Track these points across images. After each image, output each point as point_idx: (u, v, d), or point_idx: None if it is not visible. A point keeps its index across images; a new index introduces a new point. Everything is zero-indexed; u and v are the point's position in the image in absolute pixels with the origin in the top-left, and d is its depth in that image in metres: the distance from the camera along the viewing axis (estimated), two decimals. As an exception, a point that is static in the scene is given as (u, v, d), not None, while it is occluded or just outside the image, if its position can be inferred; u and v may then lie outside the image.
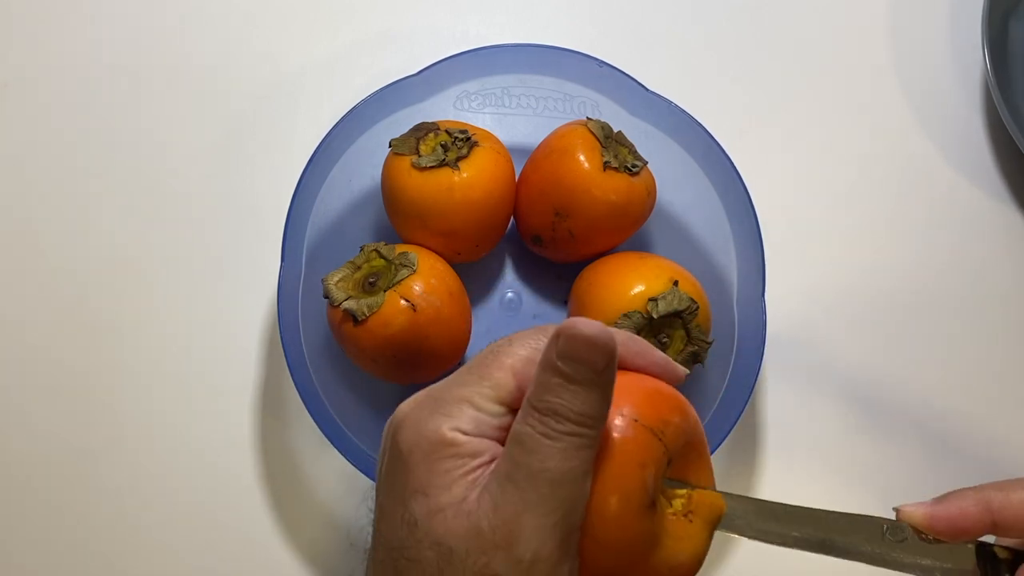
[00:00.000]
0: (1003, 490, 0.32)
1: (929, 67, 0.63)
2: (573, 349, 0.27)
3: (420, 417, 0.29)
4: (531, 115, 0.56)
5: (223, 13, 0.63)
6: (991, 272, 0.59)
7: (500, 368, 0.30)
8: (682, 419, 0.30)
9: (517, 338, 0.31)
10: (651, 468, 0.29)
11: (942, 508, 0.32)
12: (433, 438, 0.29)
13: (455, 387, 0.30)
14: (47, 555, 0.52)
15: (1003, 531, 0.32)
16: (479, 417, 0.29)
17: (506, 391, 0.29)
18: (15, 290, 0.56)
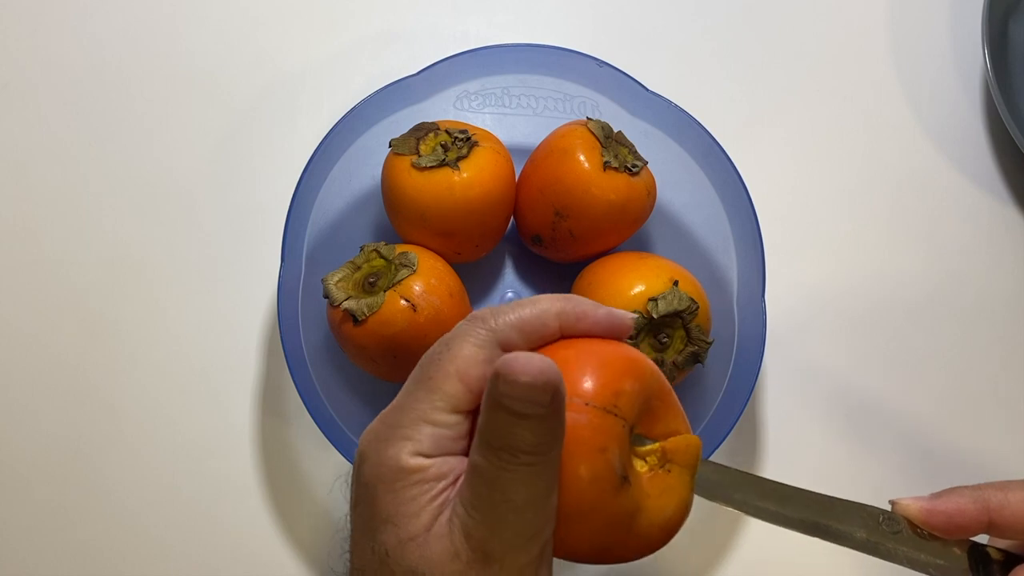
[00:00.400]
0: (1002, 490, 0.32)
1: (929, 67, 0.63)
2: (514, 391, 0.26)
3: (379, 448, 0.29)
4: (531, 115, 0.56)
5: (223, 13, 0.63)
6: (991, 272, 0.59)
7: (446, 377, 0.29)
8: (635, 381, 0.30)
9: (454, 338, 0.30)
10: (613, 447, 0.29)
11: (939, 504, 0.32)
12: (394, 467, 0.28)
13: (407, 406, 0.29)
14: (47, 554, 0.52)
15: (999, 531, 0.32)
16: (437, 433, 0.29)
17: (457, 399, 0.29)
18: (15, 290, 0.56)
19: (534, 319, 0.30)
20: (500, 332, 0.29)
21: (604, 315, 0.31)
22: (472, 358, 0.29)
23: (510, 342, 0.30)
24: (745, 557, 0.53)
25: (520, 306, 0.30)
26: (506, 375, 0.26)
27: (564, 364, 0.29)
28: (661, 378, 0.31)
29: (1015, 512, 0.31)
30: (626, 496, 0.29)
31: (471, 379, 0.29)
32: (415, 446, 0.28)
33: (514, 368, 0.26)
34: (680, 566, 0.53)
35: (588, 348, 0.30)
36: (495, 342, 0.29)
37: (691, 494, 0.31)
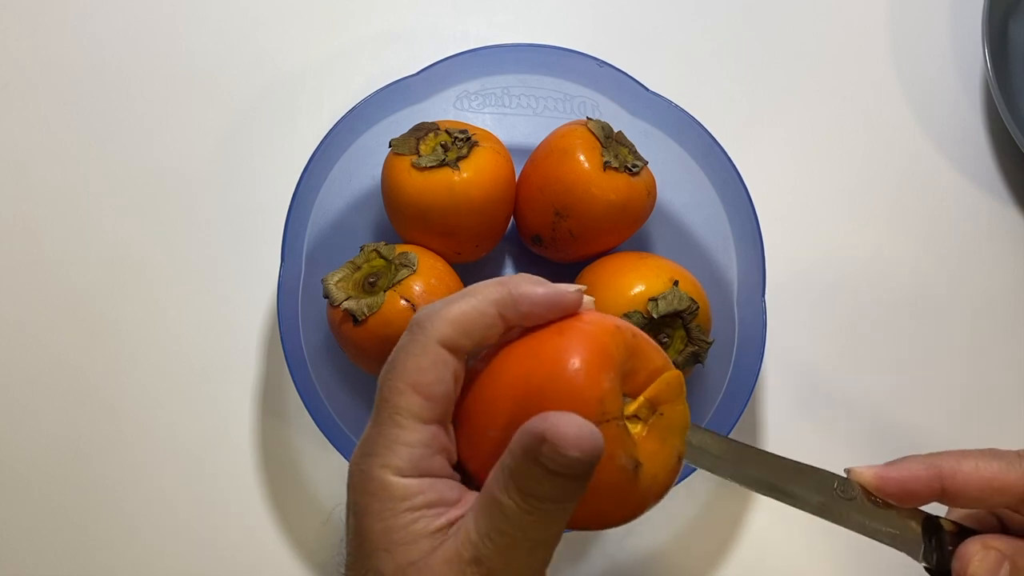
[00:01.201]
0: (955, 457, 0.32)
1: (929, 67, 0.63)
2: (560, 460, 0.26)
3: (361, 477, 0.29)
4: (531, 115, 0.56)
5: (223, 13, 0.63)
6: (992, 272, 0.59)
7: (400, 393, 0.29)
8: (610, 369, 0.29)
9: (397, 353, 0.29)
10: (618, 450, 0.28)
11: (893, 470, 0.32)
12: (380, 494, 0.28)
13: (377, 432, 0.29)
14: (46, 553, 0.52)
15: (951, 497, 0.32)
16: (412, 453, 0.29)
17: (417, 411, 0.29)
18: (15, 289, 0.56)
19: (471, 312, 0.29)
20: (438, 333, 0.29)
21: (542, 296, 0.29)
22: (417, 368, 0.29)
23: (450, 341, 0.29)
24: (745, 557, 0.53)
25: (456, 300, 0.30)
26: (555, 444, 0.26)
27: (538, 392, 0.28)
28: (627, 334, 0.30)
29: (966, 478, 0.32)
30: (632, 474, 0.29)
31: (424, 388, 0.29)
32: (395, 469, 0.28)
33: (566, 440, 0.26)
34: (681, 565, 0.53)
35: (551, 358, 0.29)
36: (436, 344, 0.29)
37: (683, 444, 0.31)
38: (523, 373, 0.29)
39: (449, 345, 0.29)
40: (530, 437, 0.26)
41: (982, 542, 0.31)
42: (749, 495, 0.53)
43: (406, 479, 0.28)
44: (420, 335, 0.29)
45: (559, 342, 0.29)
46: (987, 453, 0.32)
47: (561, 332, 0.29)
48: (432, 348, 0.29)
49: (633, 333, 0.31)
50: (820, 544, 0.53)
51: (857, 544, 0.52)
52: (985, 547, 0.31)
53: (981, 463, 0.32)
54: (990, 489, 0.31)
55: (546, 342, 0.29)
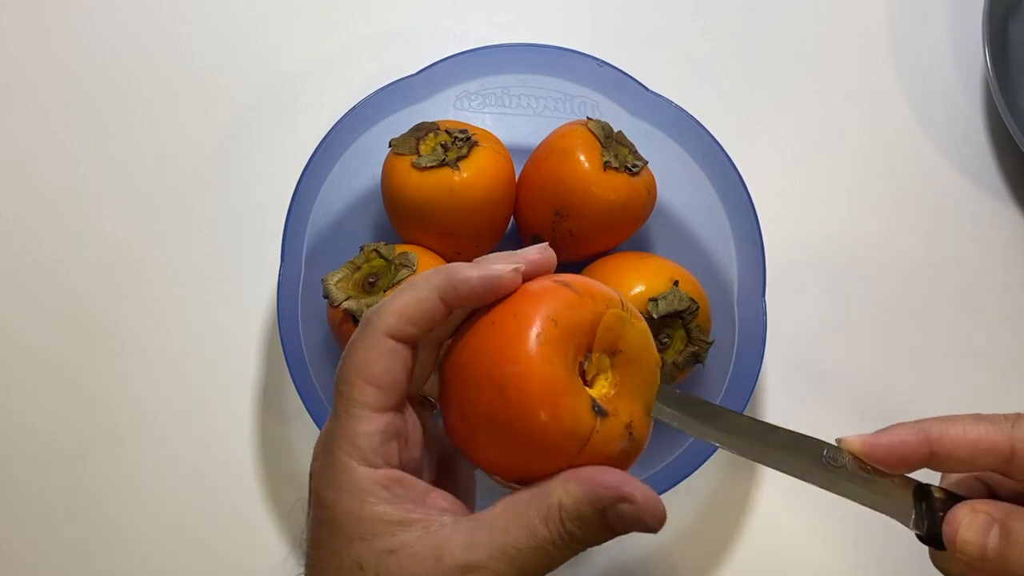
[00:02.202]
0: (943, 422, 0.33)
1: (929, 67, 0.63)
2: (631, 525, 0.29)
3: (328, 472, 0.30)
4: (531, 115, 0.56)
5: (223, 13, 0.63)
6: (992, 271, 0.59)
7: (352, 385, 0.30)
8: (556, 347, 0.30)
9: (349, 348, 0.31)
10: (583, 409, 0.29)
11: (881, 436, 0.32)
12: (349, 486, 0.29)
13: (337, 426, 0.30)
14: (46, 553, 0.52)
15: (940, 461, 0.32)
16: (372, 441, 0.30)
17: (370, 400, 0.30)
18: (15, 289, 0.56)
19: (413, 301, 0.30)
20: (384, 325, 0.30)
21: (478, 279, 0.30)
22: (367, 359, 0.30)
23: (396, 330, 0.30)
24: (746, 556, 0.53)
25: (400, 292, 0.31)
26: (639, 511, 0.28)
27: (502, 378, 0.29)
28: (568, 295, 0.31)
29: (953, 441, 0.32)
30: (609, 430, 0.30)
31: (375, 377, 0.30)
32: (359, 458, 0.30)
33: (645, 509, 0.28)
34: (681, 565, 0.53)
35: (505, 349, 0.30)
36: (383, 336, 0.30)
37: (651, 390, 0.32)
38: (486, 357, 0.30)
39: (396, 335, 0.30)
40: (606, 492, 0.28)
41: (971, 506, 0.32)
42: (750, 494, 0.53)
43: (370, 468, 0.30)
44: (367, 329, 0.30)
45: (510, 326, 0.30)
46: (973, 417, 0.33)
47: (513, 314, 0.30)
48: (379, 340, 0.30)
49: (573, 287, 0.32)
50: (823, 541, 0.53)
51: (868, 541, 0.52)
52: (974, 511, 0.31)
53: (968, 426, 0.32)
54: (977, 451, 0.32)
55: (500, 325, 0.30)
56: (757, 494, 0.54)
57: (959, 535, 0.31)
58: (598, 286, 0.32)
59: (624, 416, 0.30)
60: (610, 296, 0.32)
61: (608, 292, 0.32)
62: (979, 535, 0.31)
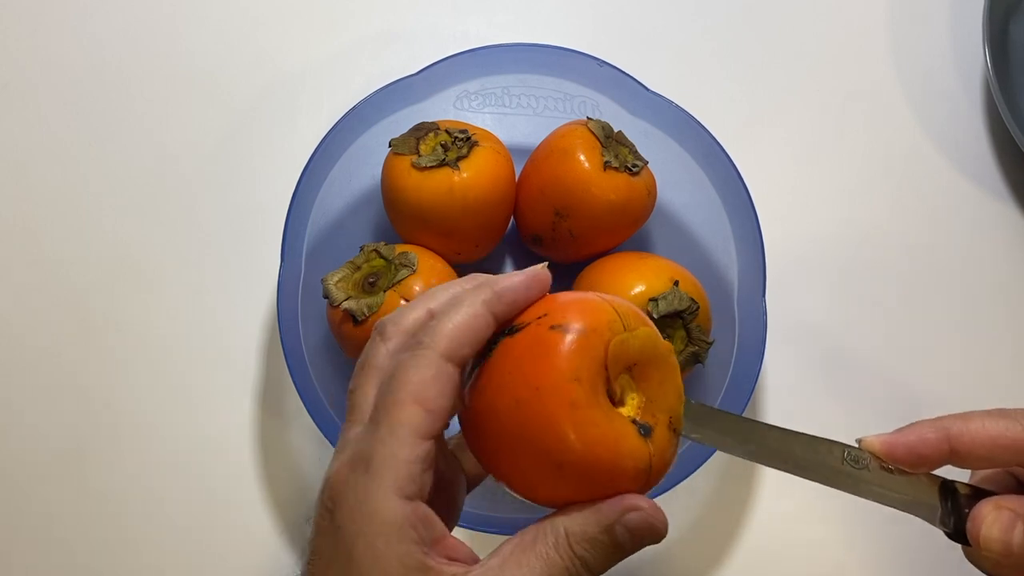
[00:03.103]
0: (961, 418, 0.33)
1: (929, 67, 0.63)
2: (642, 536, 0.29)
3: (357, 498, 0.28)
4: (531, 115, 0.56)
5: (223, 13, 0.63)
6: (992, 271, 0.59)
7: (403, 408, 0.28)
8: (578, 385, 0.29)
9: (400, 367, 0.29)
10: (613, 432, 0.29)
11: (901, 435, 0.32)
12: (377, 519, 0.28)
13: (377, 447, 0.28)
14: (44, 554, 0.52)
15: (960, 457, 0.32)
16: (412, 470, 0.28)
17: (421, 426, 0.28)
18: (15, 289, 0.56)
19: (470, 320, 0.29)
20: (442, 346, 0.29)
21: (522, 282, 0.30)
22: (422, 381, 0.29)
23: (454, 353, 0.29)
24: (746, 556, 0.53)
25: (449, 312, 0.30)
26: (649, 517, 0.29)
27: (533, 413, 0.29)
28: (612, 325, 0.30)
29: (974, 437, 0.32)
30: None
31: (428, 400, 0.28)
32: (395, 488, 0.28)
33: (652, 513, 0.29)
34: (682, 564, 0.53)
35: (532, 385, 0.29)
36: (440, 358, 0.29)
37: (679, 416, 0.32)
38: (512, 395, 0.29)
39: (451, 356, 0.29)
40: (608, 508, 0.29)
41: (995, 502, 0.31)
42: (751, 492, 0.53)
43: (403, 501, 0.28)
44: (421, 350, 0.29)
45: (535, 367, 0.29)
46: (993, 412, 0.33)
47: (540, 348, 0.30)
48: (437, 362, 0.29)
49: (571, 326, 0.30)
50: (824, 540, 0.53)
51: (867, 540, 0.52)
52: (998, 507, 0.31)
53: (987, 421, 0.32)
54: (997, 446, 0.32)
55: (527, 361, 0.30)
56: (757, 494, 0.54)
57: (983, 532, 0.31)
58: (592, 309, 0.31)
59: (663, 423, 0.30)
60: (609, 318, 0.30)
61: (603, 313, 0.31)
62: (1003, 532, 0.31)
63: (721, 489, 0.54)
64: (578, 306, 0.30)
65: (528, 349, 0.30)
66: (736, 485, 0.54)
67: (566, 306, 0.30)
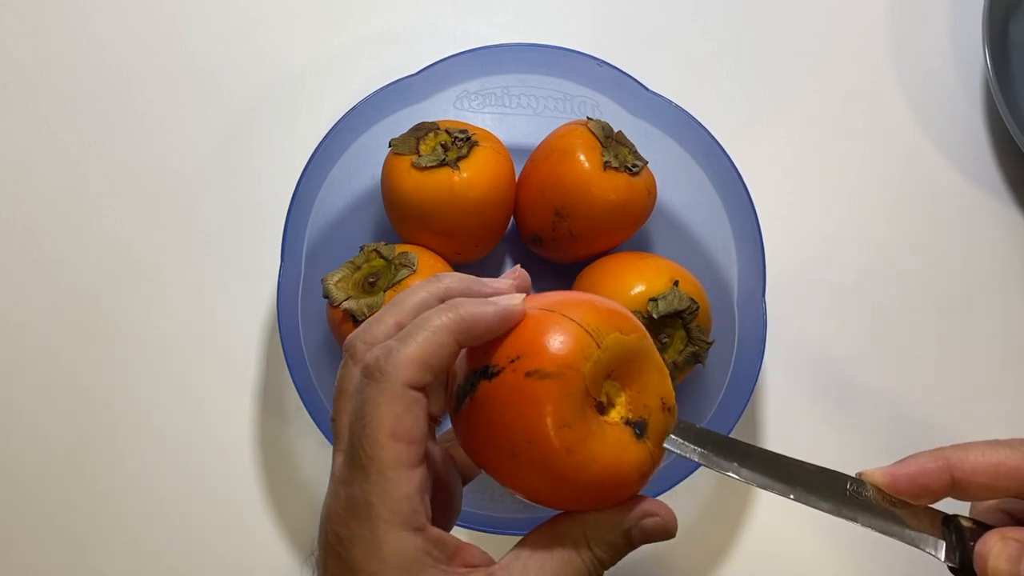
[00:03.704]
0: (961, 448, 0.32)
1: (929, 67, 0.63)
2: (656, 537, 0.31)
3: (367, 542, 0.28)
4: (531, 115, 0.56)
5: (223, 13, 0.63)
6: (992, 271, 0.59)
7: (384, 447, 0.28)
8: (568, 407, 0.30)
9: (364, 406, 0.29)
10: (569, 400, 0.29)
11: (902, 467, 0.32)
12: (393, 560, 0.28)
13: (371, 490, 0.28)
14: (44, 554, 0.52)
15: (962, 488, 0.32)
16: (413, 502, 0.28)
17: (407, 459, 0.28)
18: (15, 289, 0.56)
19: (430, 347, 0.29)
20: (404, 376, 0.28)
21: (494, 316, 0.30)
22: (392, 415, 0.28)
23: (417, 381, 0.29)
24: (745, 556, 0.53)
25: (410, 338, 0.29)
26: (661, 520, 0.31)
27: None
28: (595, 332, 0.30)
29: (974, 466, 0.32)
30: None
31: (405, 433, 0.28)
32: (402, 523, 0.28)
33: (668, 517, 0.31)
34: (681, 565, 0.53)
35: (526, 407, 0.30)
36: (404, 388, 0.28)
37: (648, 456, 0.32)
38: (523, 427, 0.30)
39: (416, 385, 0.29)
40: (627, 514, 0.31)
41: (1000, 534, 0.31)
42: (751, 493, 0.53)
43: (413, 534, 0.28)
44: (384, 382, 0.28)
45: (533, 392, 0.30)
46: (992, 442, 0.33)
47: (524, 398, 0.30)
48: (401, 392, 0.28)
49: (551, 359, 0.30)
50: (824, 541, 0.53)
51: (864, 543, 0.52)
52: (1004, 538, 0.31)
53: (987, 450, 0.32)
54: (998, 475, 0.32)
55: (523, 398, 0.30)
56: (756, 494, 0.54)
57: (990, 564, 0.31)
58: (562, 338, 0.30)
59: (655, 407, 0.31)
60: (580, 343, 0.30)
61: (574, 341, 0.30)
62: (1011, 563, 0.30)
63: (721, 489, 0.54)
64: (548, 338, 0.30)
65: (509, 400, 0.29)
66: (736, 485, 0.54)
67: (536, 341, 0.30)
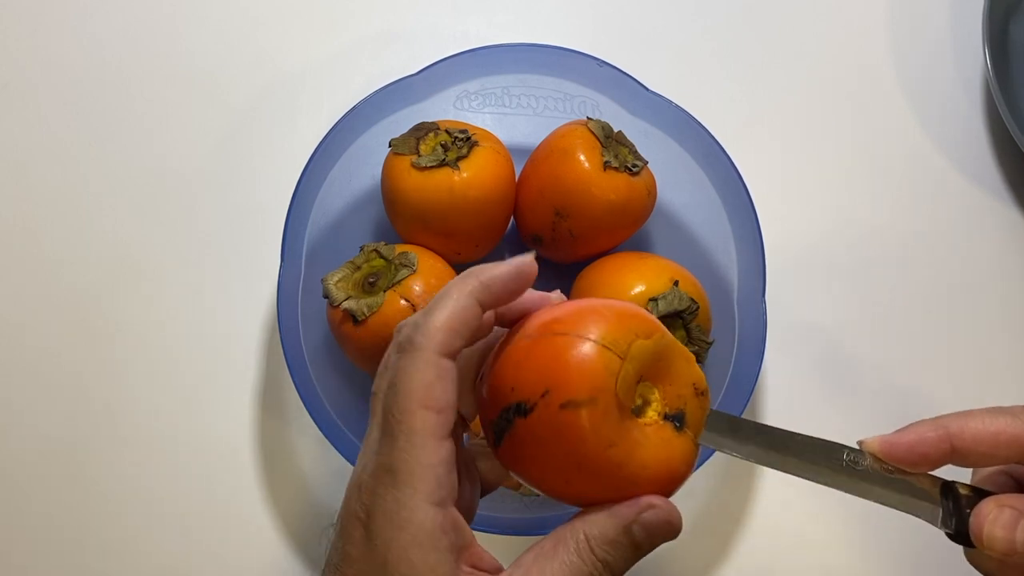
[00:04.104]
0: (961, 416, 0.32)
1: (929, 67, 0.63)
2: (659, 533, 0.30)
3: (388, 508, 0.28)
4: (531, 115, 0.56)
5: (223, 13, 0.63)
6: (992, 271, 0.59)
7: (414, 415, 0.28)
8: (604, 401, 0.30)
9: (398, 375, 0.29)
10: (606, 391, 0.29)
11: (901, 436, 0.32)
12: (411, 527, 0.28)
13: (399, 457, 0.28)
14: (44, 554, 0.52)
15: (961, 456, 0.32)
16: (439, 473, 0.28)
17: (436, 429, 0.28)
18: (15, 290, 0.56)
19: (457, 311, 0.29)
20: (434, 343, 0.29)
21: (507, 271, 0.30)
22: (424, 384, 0.29)
23: (448, 347, 0.29)
24: (746, 556, 0.53)
25: (436, 307, 0.29)
26: (663, 514, 0.30)
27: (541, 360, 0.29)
28: (605, 365, 0.30)
29: (974, 434, 0.32)
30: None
31: (435, 401, 0.29)
32: (425, 494, 0.28)
33: (669, 509, 0.30)
34: (681, 565, 0.53)
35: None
36: (436, 355, 0.29)
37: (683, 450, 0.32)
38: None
39: (447, 352, 0.29)
40: (626, 508, 0.30)
41: (996, 501, 0.31)
42: (751, 493, 0.53)
43: (436, 508, 0.28)
44: (414, 350, 0.29)
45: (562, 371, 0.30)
46: (992, 410, 0.32)
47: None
48: (434, 360, 0.29)
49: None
50: (824, 541, 0.53)
51: (865, 537, 0.52)
52: (1000, 505, 0.31)
53: (987, 418, 0.32)
54: (998, 443, 0.31)
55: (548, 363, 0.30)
56: (757, 494, 0.54)
57: (985, 530, 0.31)
58: (587, 363, 0.30)
59: (689, 395, 0.31)
60: (605, 362, 0.30)
61: (599, 362, 0.30)
62: (1006, 529, 0.30)
63: (721, 489, 0.54)
64: (571, 366, 0.29)
65: (550, 435, 0.29)
66: (736, 485, 0.54)
67: (560, 371, 0.30)
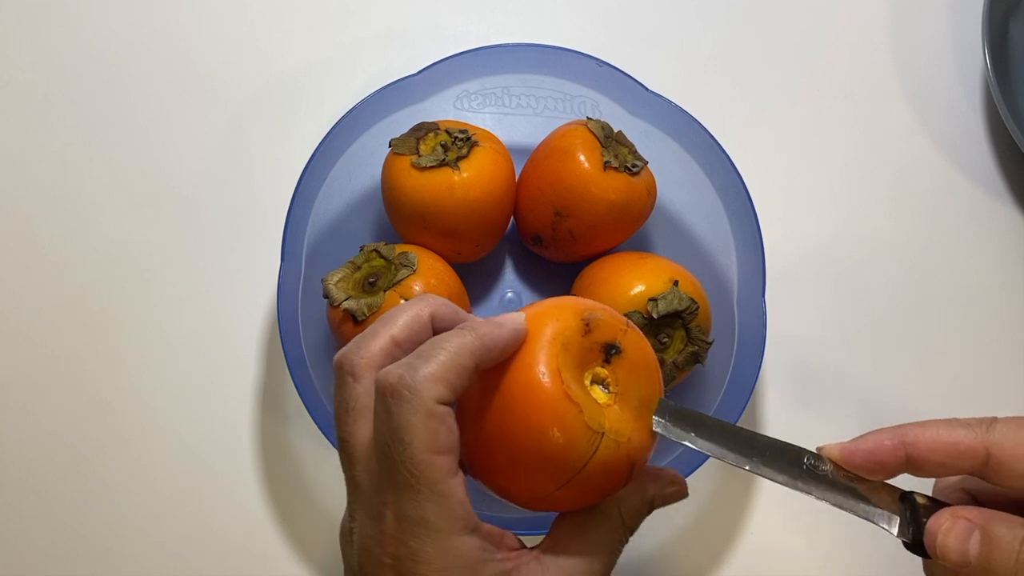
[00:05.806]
0: (919, 426, 0.33)
1: (929, 67, 0.63)
2: (673, 501, 0.35)
3: (428, 552, 0.30)
4: (531, 115, 0.56)
5: (223, 13, 0.63)
6: (991, 271, 0.59)
7: (431, 465, 0.30)
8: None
9: (402, 426, 0.30)
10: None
11: (859, 443, 0.33)
12: (465, 565, 0.30)
13: (426, 507, 0.30)
14: (44, 554, 0.52)
15: (917, 465, 0.32)
16: (467, 504, 0.31)
17: (452, 467, 0.30)
18: (15, 290, 0.56)
19: (456, 369, 0.30)
20: (435, 393, 0.30)
21: (509, 336, 0.32)
22: (432, 432, 0.30)
23: (444, 398, 0.30)
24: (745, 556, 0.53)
25: (432, 358, 0.30)
26: (677, 486, 0.35)
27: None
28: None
29: (929, 444, 0.32)
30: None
31: (444, 447, 0.30)
32: (464, 528, 0.30)
33: (681, 481, 0.36)
34: (681, 565, 0.53)
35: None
36: (435, 404, 0.30)
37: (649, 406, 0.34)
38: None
39: (444, 401, 0.30)
40: (655, 487, 0.35)
41: (952, 512, 0.32)
42: (748, 494, 0.53)
43: (471, 536, 0.30)
44: (414, 400, 0.30)
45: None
46: (949, 421, 0.33)
47: None
48: (434, 409, 0.30)
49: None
50: (824, 542, 0.53)
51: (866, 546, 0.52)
52: (955, 516, 0.31)
53: (943, 429, 0.32)
54: (952, 453, 0.32)
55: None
56: (756, 494, 0.54)
57: (939, 541, 0.31)
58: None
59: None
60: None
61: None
62: (959, 541, 0.31)
63: (720, 489, 0.54)
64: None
65: None
66: (735, 485, 0.54)
67: None
